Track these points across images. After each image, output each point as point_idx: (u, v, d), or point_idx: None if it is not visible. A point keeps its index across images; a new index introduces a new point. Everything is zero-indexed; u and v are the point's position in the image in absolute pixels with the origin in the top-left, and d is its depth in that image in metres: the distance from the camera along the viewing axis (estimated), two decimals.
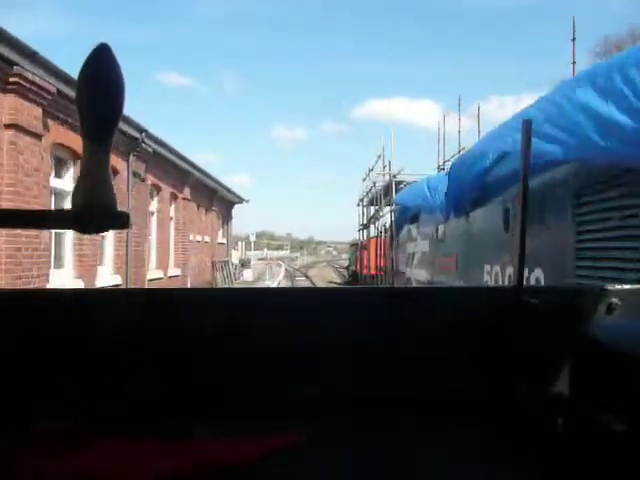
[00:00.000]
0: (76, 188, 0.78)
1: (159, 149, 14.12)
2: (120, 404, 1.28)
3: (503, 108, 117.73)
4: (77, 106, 0.75)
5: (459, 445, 1.27)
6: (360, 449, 1.27)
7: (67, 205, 6.14)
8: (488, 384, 1.38)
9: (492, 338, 1.38)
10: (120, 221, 0.79)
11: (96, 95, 0.74)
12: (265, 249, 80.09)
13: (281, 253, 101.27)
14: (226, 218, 27.10)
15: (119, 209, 0.79)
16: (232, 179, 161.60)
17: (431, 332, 1.41)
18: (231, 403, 1.34)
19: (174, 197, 17.12)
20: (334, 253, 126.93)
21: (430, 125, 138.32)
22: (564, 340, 1.38)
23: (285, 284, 29.39)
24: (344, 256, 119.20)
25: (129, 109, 10.69)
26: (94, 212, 0.76)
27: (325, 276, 41.66)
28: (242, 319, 1.38)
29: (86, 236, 8.80)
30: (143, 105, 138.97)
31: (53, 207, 8.85)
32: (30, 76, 7.98)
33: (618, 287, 1.44)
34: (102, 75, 0.73)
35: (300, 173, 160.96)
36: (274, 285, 24.82)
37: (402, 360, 1.39)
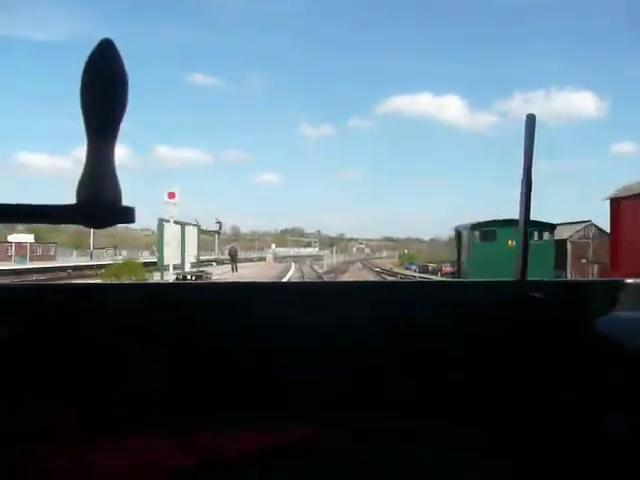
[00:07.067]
0: (81, 182, 0.77)
1: None
2: (127, 400, 1.27)
3: (528, 104, 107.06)
4: (81, 101, 0.76)
5: (460, 442, 1.27)
6: (363, 446, 1.26)
7: None
8: (490, 379, 1.35)
9: (495, 332, 1.36)
10: (125, 216, 0.79)
11: (100, 90, 0.75)
12: (273, 245, 65.97)
13: (308, 250, 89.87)
14: None
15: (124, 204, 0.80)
16: (261, 177, 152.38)
17: (433, 327, 1.38)
18: (235, 400, 1.32)
19: None
20: (367, 251, 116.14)
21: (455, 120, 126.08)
22: (567, 334, 1.35)
23: None
24: (384, 254, 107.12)
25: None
26: (99, 207, 0.76)
27: None
28: (244, 314, 1.36)
29: None
30: (171, 105, 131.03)
31: None
32: None
33: (621, 281, 1.44)
34: (106, 70, 0.75)
35: (327, 170, 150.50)
36: None
37: (403, 355, 1.36)
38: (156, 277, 19.10)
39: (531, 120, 1.44)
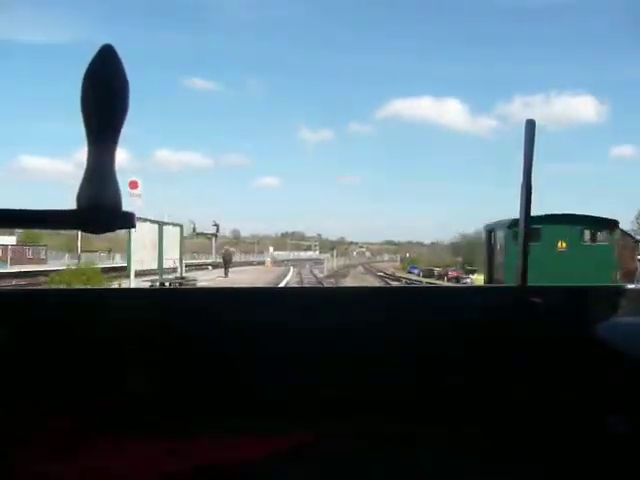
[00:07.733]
0: (81, 188, 0.78)
1: None
2: (123, 404, 1.27)
3: (528, 108, 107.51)
4: (82, 107, 0.76)
5: (460, 447, 1.25)
6: (363, 451, 1.25)
7: None
8: (489, 383, 1.34)
9: (495, 338, 1.35)
10: (125, 221, 0.81)
11: (101, 96, 0.76)
12: (271, 248, 64.17)
13: (308, 254, 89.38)
14: None
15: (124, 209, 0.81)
16: (261, 181, 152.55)
17: (433, 332, 1.38)
18: (233, 404, 1.32)
19: None
20: (367, 254, 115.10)
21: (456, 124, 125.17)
22: (567, 339, 1.34)
23: None
24: (385, 258, 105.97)
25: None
26: (100, 212, 0.77)
27: None
28: (243, 319, 1.37)
29: None
30: (171, 109, 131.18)
31: None
32: None
33: (620, 287, 1.51)
34: (107, 77, 0.76)
35: (327, 174, 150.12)
36: None
37: (404, 359, 1.35)
38: (124, 285, 16.50)
39: (531, 125, 1.49)
